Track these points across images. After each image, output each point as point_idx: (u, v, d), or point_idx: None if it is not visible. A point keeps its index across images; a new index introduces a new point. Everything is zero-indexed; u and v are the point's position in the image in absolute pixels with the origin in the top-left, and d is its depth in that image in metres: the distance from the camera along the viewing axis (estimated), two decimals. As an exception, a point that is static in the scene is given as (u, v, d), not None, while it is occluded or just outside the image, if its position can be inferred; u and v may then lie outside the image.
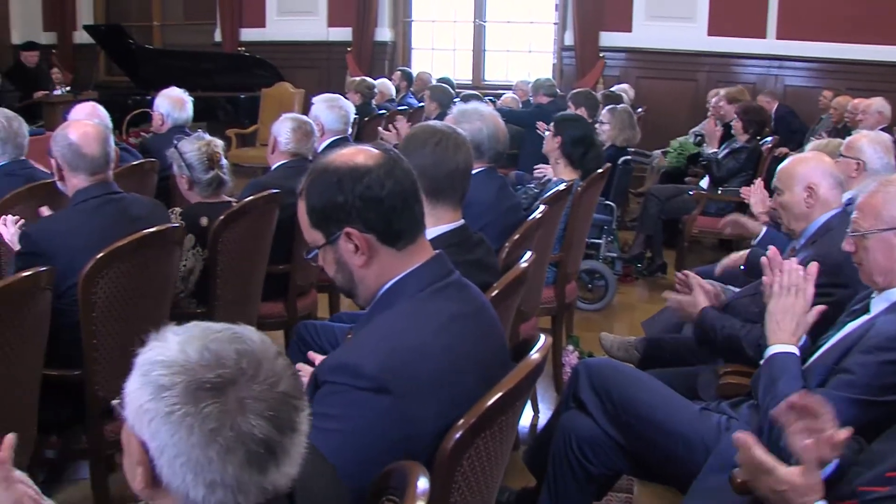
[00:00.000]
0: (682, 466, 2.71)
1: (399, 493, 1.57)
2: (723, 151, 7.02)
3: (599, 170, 5.05)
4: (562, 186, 4.46)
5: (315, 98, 5.44)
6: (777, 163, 3.96)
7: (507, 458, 2.03)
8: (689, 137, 8.68)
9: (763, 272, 2.75)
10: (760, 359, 2.78)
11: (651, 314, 4.49)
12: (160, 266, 3.30)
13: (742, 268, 4.19)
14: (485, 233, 3.01)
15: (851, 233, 2.62)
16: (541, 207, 3.79)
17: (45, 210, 3.77)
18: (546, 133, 5.27)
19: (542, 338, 2.07)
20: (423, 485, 1.53)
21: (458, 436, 1.73)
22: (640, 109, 9.09)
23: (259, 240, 4.04)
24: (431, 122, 3.04)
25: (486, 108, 3.89)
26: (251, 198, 3.95)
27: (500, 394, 1.81)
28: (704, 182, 7.20)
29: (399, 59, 12.01)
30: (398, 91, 10.37)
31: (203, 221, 3.84)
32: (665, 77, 10.61)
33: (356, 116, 5.96)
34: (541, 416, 4.38)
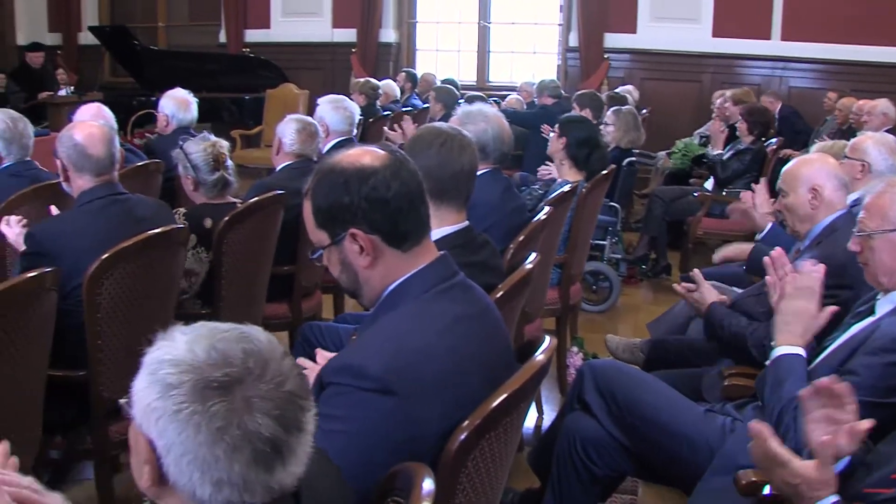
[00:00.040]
0: (687, 468, 2.71)
1: (404, 494, 1.58)
2: (727, 153, 7.01)
3: (604, 171, 5.05)
4: (566, 188, 4.46)
5: (320, 99, 5.44)
6: (782, 164, 3.95)
7: (512, 460, 2.03)
8: (694, 139, 8.68)
9: (766, 271, 2.74)
10: (764, 359, 2.78)
11: (655, 315, 4.49)
12: (165, 267, 3.30)
13: (744, 267, 4.19)
14: (489, 234, 3.01)
15: (857, 233, 2.62)
16: (545, 209, 3.79)
17: (54, 209, 3.76)
18: (551, 135, 5.27)
19: (547, 339, 2.07)
20: (429, 486, 1.54)
21: (463, 437, 1.73)
22: (645, 111, 9.08)
23: (264, 241, 4.04)
24: (437, 124, 3.04)
25: (491, 110, 3.88)
26: (256, 199, 3.95)
27: (505, 395, 1.81)
28: (709, 183, 7.19)
29: (403, 61, 12.01)
30: (402, 92, 10.38)
31: (207, 223, 3.83)
32: (669, 78, 10.60)
33: (361, 117, 5.96)
34: (545, 418, 4.37)
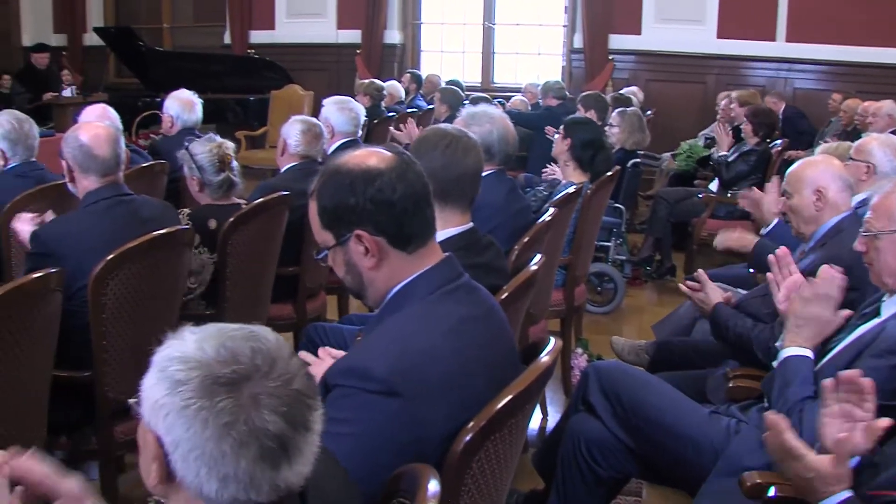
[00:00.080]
0: (692, 470, 2.71)
1: (410, 496, 1.57)
2: (732, 154, 7.00)
3: (609, 172, 5.04)
4: (571, 189, 4.45)
5: (326, 100, 5.45)
6: (787, 166, 3.94)
7: (517, 461, 2.03)
8: (699, 140, 8.67)
9: (770, 269, 2.74)
10: (769, 361, 2.78)
11: (660, 317, 4.48)
12: (170, 268, 3.30)
13: (750, 270, 4.18)
14: (494, 235, 3.00)
15: (864, 233, 2.62)
16: (550, 210, 3.78)
17: (50, 214, 3.73)
18: (555, 136, 5.27)
19: (552, 341, 2.07)
20: (434, 487, 1.53)
21: (468, 438, 1.73)
22: (650, 112, 9.07)
23: (269, 242, 4.04)
24: (442, 126, 3.03)
25: (496, 111, 3.88)
26: (261, 200, 3.95)
27: (510, 396, 1.81)
28: (714, 185, 7.18)
29: (408, 62, 12.01)
30: (407, 93, 10.37)
31: (212, 224, 3.83)
32: (674, 80, 10.59)
33: (366, 119, 5.96)
34: (549, 419, 4.37)
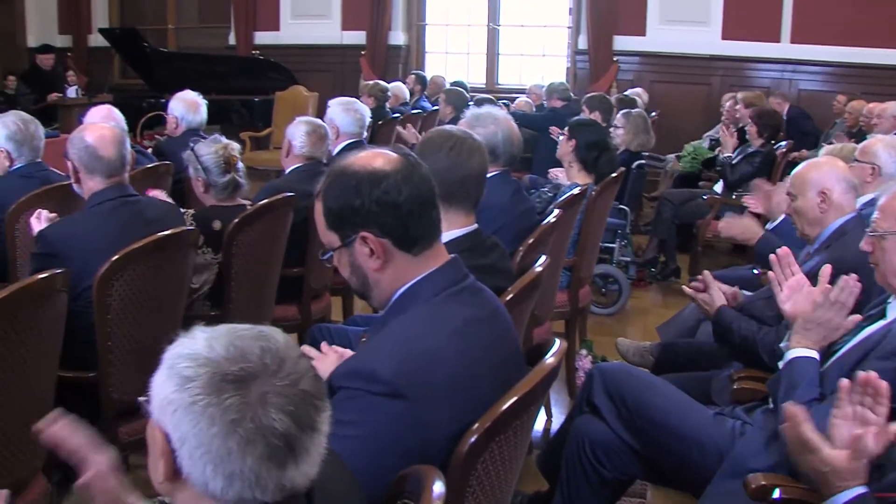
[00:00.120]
0: (696, 471, 2.71)
1: (415, 498, 1.58)
2: (737, 156, 7.00)
3: (613, 174, 5.04)
4: (576, 191, 4.45)
5: (331, 101, 5.45)
6: (791, 167, 3.94)
7: (522, 463, 2.03)
8: (704, 142, 8.66)
9: (772, 268, 2.73)
10: (775, 364, 2.77)
11: (664, 318, 4.48)
12: (175, 269, 3.30)
13: (755, 272, 4.18)
14: (499, 236, 3.00)
15: (870, 233, 2.61)
16: (555, 211, 3.78)
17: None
18: (560, 137, 5.27)
19: (557, 342, 2.07)
20: (439, 489, 1.54)
21: (473, 440, 1.73)
22: (654, 113, 9.07)
23: (273, 243, 4.04)
24: (447, 127, 3.02)
25: (500, 112, 3.88)
26: (266, 201, 3.96)
27: (515, 398, 1.81)
28: (718, 186, 7.18)
29: (413, 63, 12.02)
30: (412, 94, 10.38)
31: (216, 225, 3.83)
32: (679, 81, 10.58)
33: (370, 120, 5.97)
34: (554, 421, 4.37)
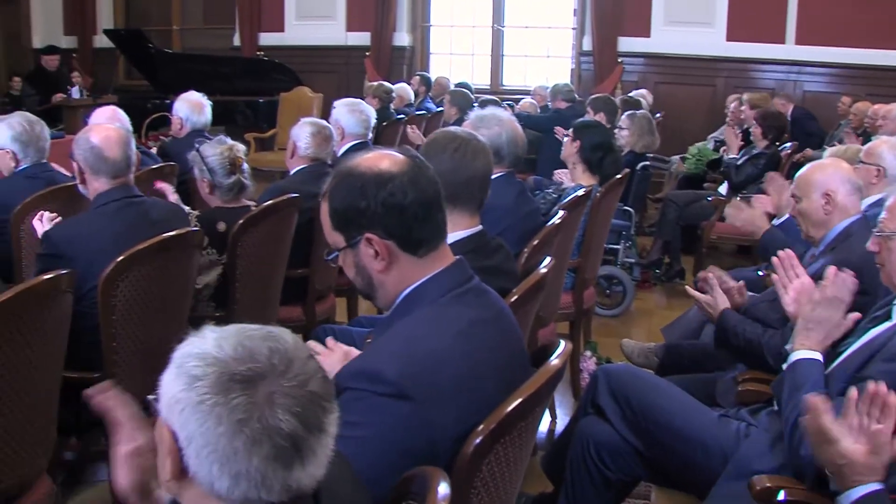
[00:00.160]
0: (701, 473, 2.70)
1: (420, 499, 1.58)
2: (742, 157, 6.99)
3: (618, 175, 5.04)
4: (580, 192, 4.45)
5: (336, 102, 5.46)
6: (796, 168, 3.94)
7: (526, 464, 2.03)
8: (708, 143, 8.66)
9: (775, 269, 2.73)
10: (780, 366, 2.77)
11: (669, 320, 4.48)
12: (180, 269, 3.31)
13: (760, 273, 4.18)
14: (504, 237, 2.99)
15: (877, 233, 2.61)
16: (560, 213, 3.78)
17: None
18: (564, 138, 5.27)
19: (562, 343, 2.07)
20: (444, 490, 1.53)
21: (478, 441, 1.73)
22: (659, 115, 9.06)
23: (278, 244, 4.04)
24: (451, 128, 3.03)
25: (505, 114, 3.88)
26: (270, 202, 3.96)
27: (520, 399, 1.81)
28: (723, 188, 7.18)
29: (417, 64, 12.03)
30: (416, 96, 10.37)
31: (220, 226, 3.83)
32: (683, 82, 10.58)
33: (375, 121, 5.97)
34: (559, 422, 4.37)
